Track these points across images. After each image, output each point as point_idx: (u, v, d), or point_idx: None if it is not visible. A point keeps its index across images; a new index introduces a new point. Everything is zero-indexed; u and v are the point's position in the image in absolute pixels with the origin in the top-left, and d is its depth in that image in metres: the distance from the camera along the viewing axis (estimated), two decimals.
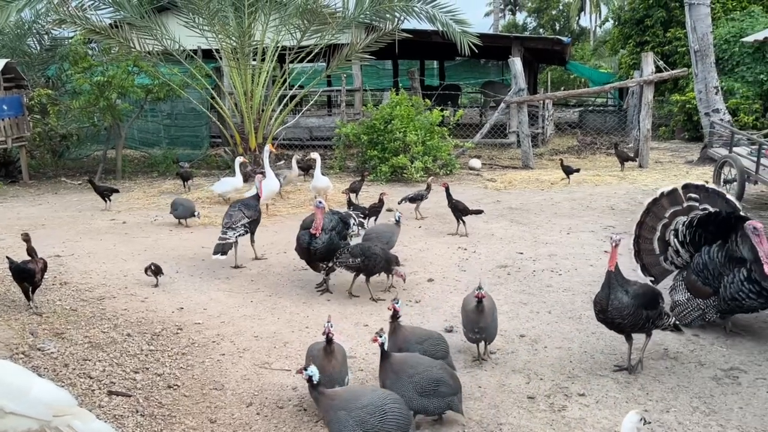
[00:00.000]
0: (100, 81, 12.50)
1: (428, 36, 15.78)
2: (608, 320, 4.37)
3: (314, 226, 5.86)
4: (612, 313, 4.30)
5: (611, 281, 4.30)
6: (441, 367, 3.82)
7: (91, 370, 4.46)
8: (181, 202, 9.19)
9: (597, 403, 4.04)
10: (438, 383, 3.65)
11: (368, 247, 5.88)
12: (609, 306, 4.28)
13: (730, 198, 5.32)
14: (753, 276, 4.61)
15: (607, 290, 4.29)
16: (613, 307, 4.28)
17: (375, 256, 5.78)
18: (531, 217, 9.29)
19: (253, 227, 7.22)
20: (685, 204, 5.34)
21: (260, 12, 12.35)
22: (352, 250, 5.87)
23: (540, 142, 17.47)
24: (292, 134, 17.33)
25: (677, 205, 5.36)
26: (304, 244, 5.92)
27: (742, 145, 11.32)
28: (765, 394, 4.09)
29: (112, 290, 6.26)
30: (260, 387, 4.31)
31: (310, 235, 5.86)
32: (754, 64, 17.19)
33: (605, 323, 4.44)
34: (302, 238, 5.95)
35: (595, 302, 4.45)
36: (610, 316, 4.31)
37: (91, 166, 14.89)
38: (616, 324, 4.36)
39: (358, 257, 5.79)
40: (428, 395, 3.62)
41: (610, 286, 4.29)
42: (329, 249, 5.96)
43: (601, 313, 4.38)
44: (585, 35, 51.12)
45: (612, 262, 4.32)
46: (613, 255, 4.32)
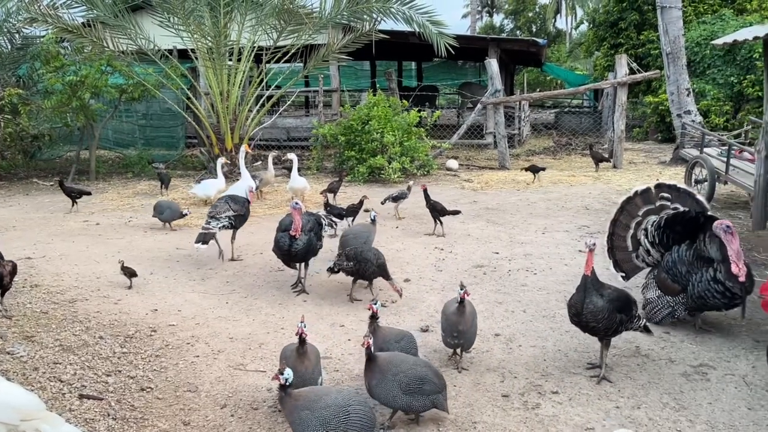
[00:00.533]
0: (72, 81, 12.31)
1: (405, 37, 15.83)
2: (582, 323, 4.36)
3: (293, 228, 5.84)
4: (587, 316, 4.28)
5: (587, 285, 4.28)
6: (425, 365, 3.84)
7: (61, 373, 4.39)
8: (167, 205, 8.90)
9: (570, 400, 4.08)
10: (423, 381, 3.67)
11: (361, 251, 5.79)
12: (584, 310, 4.26)
13: (699, 198, 5.42)
14: (718, 276, 4.72)
15: (582, 294, 4.28)
16: (588, 311, 4.26)
17: (366, 261, 5.68)
18: (507, 217, 9.36)
19: (237, 222, 7.23)
20: (658, 203, 5.43)
21: (236, 12, 12.28)
22: (348, 253, 5.81)
23: (516, 143, 17.62)
24: (269, 135, 17.26)
25: (650, 204, 5.46)
26: (285, 246, 5.91)
27: (713, 146, 11.56)
28: (733, 389, 4.18)
29: (85, 292, 6.17)
30: (235, 388, 4.28)
31: (290, 237, 5.85)
32: (724, 67, 17.54)
33: (579, 326, 4.44)
34: (282, 240, 5.92)
35: (569, 305, 4.44)
36: (585, 319, 4.30)
37: (64, 167, 14.66)
38: (590, 327, 4.35)
39: (352, 261, 5.73)
40: (413, 393, 3.65)
41: (585, 290, 4.28)
42: (308, 249, 6.01)
43: (575, 316, 4.38)
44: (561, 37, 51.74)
45: (588, 267, 4.30)
46: (589, 259, 4.30)
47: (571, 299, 4.44)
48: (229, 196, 7.47)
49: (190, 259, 7.43)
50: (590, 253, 4.31)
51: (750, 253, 7.04)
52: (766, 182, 7.89)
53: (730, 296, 4.72)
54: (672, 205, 5.37)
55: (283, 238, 5.91)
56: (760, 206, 7.94)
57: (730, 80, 17.28)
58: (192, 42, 12.33)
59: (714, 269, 4.75)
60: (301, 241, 5.87)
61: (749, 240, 7.62)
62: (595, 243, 4.38)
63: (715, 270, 4.75)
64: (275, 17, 12.35)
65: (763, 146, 7.77)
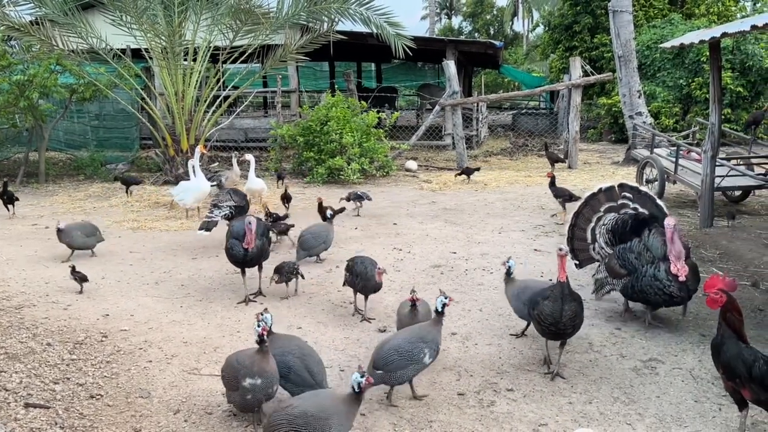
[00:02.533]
0: (20, 80, 11.92)
1: (364, 38, 15.83)
2: (558, 332, 4.26)
3: (246, 242, 5.80)
4: (565, 324, 4.20)
5: (564, 293, 4.20)
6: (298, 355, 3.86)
7: (6, 382, 4.24)
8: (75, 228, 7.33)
9: (524, 397, 4.14)
10: (288, 369, 3.77)
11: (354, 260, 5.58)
12: (563, 317, 4.18)
13: (659, 203, 5.50)
14: (657, 274, 4.87)
15: (560, 303, 4.17)
16: (567, 317, 4.19)
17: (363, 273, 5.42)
18: (465, 217, 9.45)
19: (237, 213, 7.51)
20: (619, 201, 5.57)
21: (191, 11, 12.08)
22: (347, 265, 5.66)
23: (474, 144, 17.81)
24: (226, 135, 17.04)
25: (613, 201, 5.60)
26: (240, 256, 5.89)
27: (663, 146, 11.90)
28: (680, 383, 4.30)
29: (32, 298, 5.98)
30: (188, 393, 4.20)
31: (243, 249, 5.83)
32: (674, 70, 18.08)
33: (551, 335, 4.33)
34: (236, 248, 5.87)
35: (544, 317, 4.24)
36: (562, 327, 4.21)
37: (12, 169, 14.18)
38: (565, 333, 4.28)
39: (348, 271, 5.56)
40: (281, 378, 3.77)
41: (563, 298, 4.18)
42: (261, 254, 6.03)
43: (552, 326, 4.22)
44: (518, 40, 52.53)
45: (563, 273, 4.23)
46: (562, 265, 4.25)
47: (543, 309, 4.25)
48: (233, 190, 8.15)
49: (143, 262, 7.28)
50: (564, 258, 4.28)
51: (697, 250, 7.27)
52: (712, 181, 8.16)
53: (668, 294, 4.88)
54: (632, 205, 5.51)
55: (237, 246, 5.87)
56: (706, 204, 8.21)
57: (679, 83, 17.82)
58: (146, 41, 12.08)
59: (655, 266, 4.90)
60: (254, 249, 5.86)
61: (697, 237, 7.87)
62: (568, 249, 4.34)
63: (655, 267, 4.90)
64: (231, 17, 12.20)
65: (709, 147, 8.04)
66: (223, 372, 3.87)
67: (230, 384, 3.75)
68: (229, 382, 3.76)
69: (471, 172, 12.55)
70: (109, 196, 11.46)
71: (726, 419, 3.84)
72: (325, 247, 7.02)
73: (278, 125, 14.10)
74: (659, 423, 3.82)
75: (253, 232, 5.79)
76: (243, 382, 3.61)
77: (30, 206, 10.59)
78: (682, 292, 4.86)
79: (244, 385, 3.61)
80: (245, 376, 3.61)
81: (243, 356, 3.76)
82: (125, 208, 10.41)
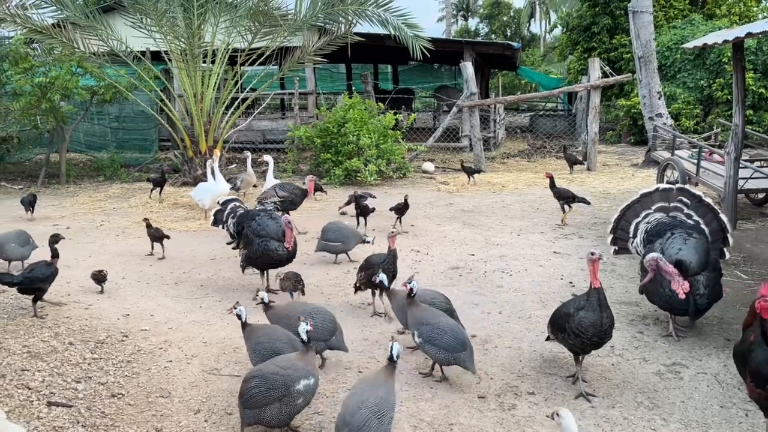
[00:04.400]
0: (42, 82, 12.09)
1: (381, 40, 15.83)
2: (600, 342, 4.09)
3: (287, 240, 5.88)
4: (607, 331, 4.06)
5: (601, 300, 4.03)
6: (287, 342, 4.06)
7: (29, 380, 4.28)
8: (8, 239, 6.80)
9: (546, 401, 4.09)
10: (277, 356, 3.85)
11: (367, 258, 5.66)
12: (603, 326, 4.01)
13: (722, 217, 5.38)
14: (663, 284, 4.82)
15: (599, 311, 4.00)
16: (608, 325, 4.04)
17: (374, 265, 5.46)
18: (483, 219, 9.40)
19: (286, 207, 8.06)
20: (673, 204, 5.50)
21: (210, 13, 12.14)
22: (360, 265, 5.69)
23: (492, 146, 17.72)
24: (244, 137, 17.12)
25: (666, 201, 5.54)
26: (284, 256, 5.94)
27: (684, 148, 11.75)
28: (706, 388, 4.23)
29: (54, 297, 6.03)
30: (209, 393, 4.21)
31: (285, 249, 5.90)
32: (694, 71, 17.86)
33: (593, 347, 4.13)
34: (280, 250, 5.91)
35: (584, 328, 4.00)
36: (605, 336, 4.07)
37: (34, 170, 14.37)
38: (600, 343, 4.11)
39: (362, 271, 5.58)
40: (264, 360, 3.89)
41: (601, 305, 4.02)
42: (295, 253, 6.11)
43: (596, 336, 4.02)
44: (535, 41, 52.29)
45: (596, 278, 4.06)
46: (595, 271, 4.08)
47: (582, 322, 4.02)
48: (279, 185, 8.67)
49: (162, 262, 7.32)
50: (596, 262, 4.09)
51: None
52: (735, 184, 8.04)
53: (670, 305, 4.85)
54: (686, 211, 5.43)
55: (280, 247, 5.90)
56: (730, 207, 8.07)
57: (700, 84, 17.60)
58: (165, 43, 12.17)
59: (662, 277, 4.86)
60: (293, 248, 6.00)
61: None
62: (601, 253, 4.17)
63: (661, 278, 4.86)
64: (250, 19, 12.25)
65: (732, 148, 7.92)
66: (256, 387, 3.50)
67: (269, 397, 3.47)
68: (268, 394, 3.46)
69: (473, 171, 12.56)
70: (129, 197, 11.56)
71: (753, 425, 3.77)
72: (344, 248, 7.03)
73: (296, 127, 14.14)
74: (684, 428, 3.76)
75: (294, 230, 5.88)
76: (296, 385, 3.48)
77: (51, 207, 10.72)
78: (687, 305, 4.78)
79: (298, 389, 3.49)
80: (299, 379, 3.51)
81: (283, 361, 3.66)
82: (144, 209, 10.49)
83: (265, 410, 3.48)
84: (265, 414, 3.49)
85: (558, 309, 4.35)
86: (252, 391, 3.49)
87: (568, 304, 4.27)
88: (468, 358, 4.17)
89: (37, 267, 5.46)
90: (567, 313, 4.16)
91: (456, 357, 4.15)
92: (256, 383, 3.51)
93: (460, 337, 4.19)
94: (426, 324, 4.26)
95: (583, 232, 8.50)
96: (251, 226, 6.15)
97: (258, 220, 6.15)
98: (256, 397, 3.48)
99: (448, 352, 4.15)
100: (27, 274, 5.40)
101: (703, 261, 4.87)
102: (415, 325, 4.34)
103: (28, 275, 5.39)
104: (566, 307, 4.25)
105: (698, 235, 5.14)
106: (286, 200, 8.17)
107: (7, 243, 6.75)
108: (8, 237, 6.84)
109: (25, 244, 6.89)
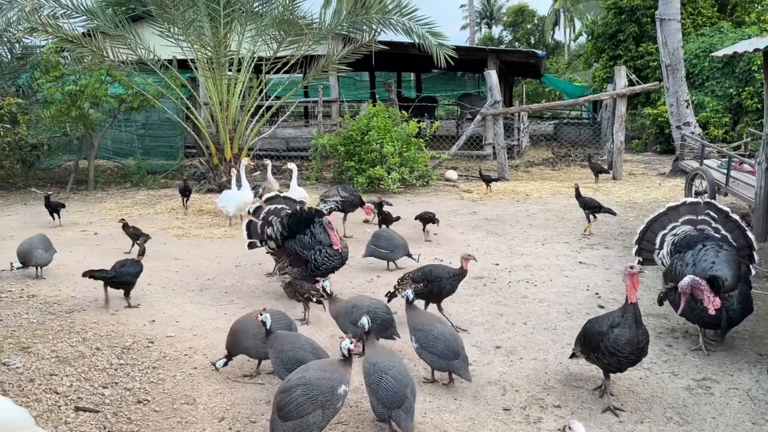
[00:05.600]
0: (72, 90, 12.31)
1: (405, 48, 15.87)
2: (636, 361, 4.00)
3: (334, 243, 5.98)
4: (644, 348, 3.96)
5: (637, 316, 3.93)
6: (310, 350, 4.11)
7: (57, 385, 4.34)
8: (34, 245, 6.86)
9: (572, 414, 4.03)
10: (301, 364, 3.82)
11: (429, 270, 5.46)
12: (640, 342, 3.91)
13: (749, 234, 5.29)
14: None
15: (635, 327, 3.90)
16: (644, 342, 3.94)
17: (438, 279, 5.34)
18: (507, 228, 9.33)
19: (346, 208, 8.59)
20: (700, 217, 5.42)
21: (236, 22, 12.29)
22: (414, 275, 5.44)
23: (515, 154, 17.63)
24: (268, 145, 17.25)
25: (693, 214, 5.47)
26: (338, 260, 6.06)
27: (713, 157, 11.55)
28: (737, 404, 4.13)
29: (82, 303, 6.12)
30: (233, 401, 4.22)
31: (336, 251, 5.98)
32: (723, 79, 17.60)
33: (629, 365, 4.01)
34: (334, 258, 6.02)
35: (621, 347, 3.89)
36: (642, 353, 3.98)
37: (63, 177, 14.64)
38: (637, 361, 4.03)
39: (420, 282, 5.37)
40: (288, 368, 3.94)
41: (637, 321, 3.91)
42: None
43: (633, 354, 3.92)
44: (559, 49, 51.97)
45: (633, 293, 3.95)
46: (634, 285, 3.96)
47: (618, 340, 3.89)
48: (341, 186, 9.30)
49: (188, 269, 7.39)
50: (636, 276, 3.97)
51: None
52: (766, 194, 7.86)
53: (700, 319, 4.78)
54: (714, 225, 5.34)
55: (333, 253, 5.96)
56: (761, 218, 7.90)
57: (728, 92, 17.33)
58: (192, 52, 12.34)
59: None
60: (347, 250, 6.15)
61: None
62: (642, 267, 4.04)
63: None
64: (275, 28, 12.37)
65: (763, 158, 7.75)
66: (302, 395, 3.42)
67: (314, 403, 3.41)
68: (315, 400, 3.41)
69: (490, 180, 12.50)
70: (155, 203, 11.70)
71: None
72: (392, 257, 7.09)
73: (319, 135, 14.22)
74: None
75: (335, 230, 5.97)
76: (339, 389, 3.48)
77: (80, 213, 10.90)
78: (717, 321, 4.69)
79: (339, 393, 3.49)
80: (341, 383, 3.51)
81: (326, 365, 3.64)
82: (170, 216, 10.61)
83: (308, 418, 3.40)
84: (307, 422, 3.40)
85: (588, 327, 4.19)
86: (298, 400, 3.40)
87: (600, 321, 4.12)
88: (462, 365, 4.25)
89: (127, 264, 5.99)
90: (600, 331, 4.01)
91: (449, 364, 4.26)
92: (302, 391, 3.42)
93: (453, 345, 4.26)
94: (421, 330, 4.36)
95: (609, 242, 8.40)
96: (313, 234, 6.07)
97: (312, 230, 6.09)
98: (302, 405, 3.39)
99: (441, 359, 4.26)
100: (119, 270, 5.90)
101: (737, 275, 4.77)
102: (412, 331, 4.44)
103: (120, 270, 5.90)
104: (598, 324, 4.09)
105: (729, 247, 5.05)
106: (346, 201, 8.61)
107: (35, 248, 6.84)
108: (33, 242, 6.93)
109: (49, 248, 7.01)
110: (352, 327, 4.59)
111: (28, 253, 6.83)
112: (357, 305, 4.73)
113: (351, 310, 4.71)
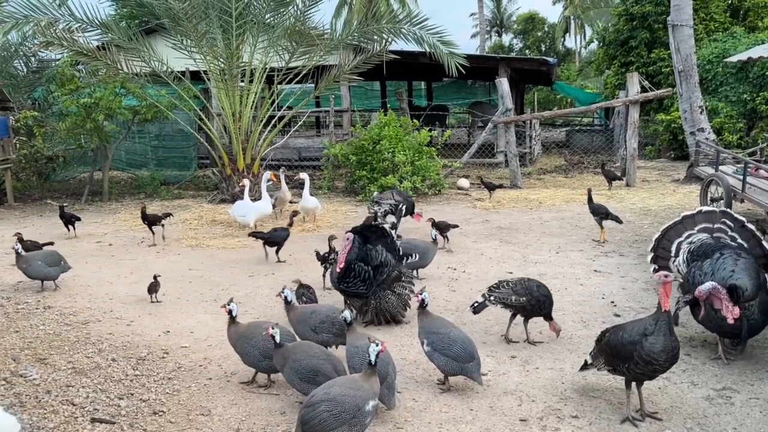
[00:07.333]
0: (87, 103, 12.45)
1: (416, 57, 15.91)
2: (668, 368, 3.98)
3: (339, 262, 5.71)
4: (677, 355, 3.94)
5: (670, 323, 3.89)
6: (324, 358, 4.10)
7: (74, 396, 4.36)
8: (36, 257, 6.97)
9: (590, 425, 3.98)
10: (316, 372, 3.97)
11: (534, 287, 5.23)
12: (674, 349, 3.89)
13: (765, 244, 5.18)
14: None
15: (668, 334, 3.87)
16: (677, 348, 3.91)
17: (543, 299, 5.18)
18: (520, 236, 9.29)
19: (397, 212, 8.57)
20: (716, 225, 5.36)
21: (248, 34, 12.39)
22: (515, 287, 5.22)
23: (528, 162, 17.56)
24: (280, 155, 17.33)
25: (710, 222, 5.41)
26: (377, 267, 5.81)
27: (728, 163, 11.43)
28: (758, 414, 4.06)
29: (97, 314, 6.15)
30: (248, 412, 4.22)
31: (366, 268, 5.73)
32: (737, 84, 17.45)
33: (662, 372, 3.99)
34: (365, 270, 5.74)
35: (656, 355, 3.84)
36: (675, 360, 3.94)
37: (78, 188, 14.77)
38: (669, 368, 4.01)
39: (523, 296, 5.16)
40: (307, 382, 4.00)
41: (670, 328, 3.88)
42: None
43: (668, 362, 3.90)
44: (570, 56, 51.84)
45: (666, 302, 3.88)
46: (667, 293, 3.89)
47: (653, 348, 3.84)
48: (395, 190, 9.61)
49: (202, 280, 7.41)
50: (668, 285, 3.90)
51: None
52: None
53: (720, 328, 4.72)
54: (730, 233, 5.29)
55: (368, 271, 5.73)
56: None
57: (743, 98, 17.18)
58: (205, 64, 12.45)
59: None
60: None
61: None
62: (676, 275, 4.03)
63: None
64: (287, 39, 12.46)
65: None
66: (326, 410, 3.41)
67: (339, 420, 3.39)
68: (339, 417, 3.40)
69: (493, 187, 12.49)
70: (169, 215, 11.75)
71: None
72: (420, 264, 7.02)
73: (331, 144, 14.26)
74: None
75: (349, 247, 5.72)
76: (366, 406, 3.45)
77: (95, 224, 10.98)
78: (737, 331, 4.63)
79: (367, 409, 3.45)
80: (368, 399, 3.47)
81: (351, 381, 3.62)
82: (184, 226, 10.67)
83: None
84: None
85: (616, 338, 4.06)
86: (322, 416, 3.39)
87: (628, 331, 4.02)
88: (475, 369, 4.29)
89: (278, 230, 8.10)
90: (632, 341, 3.92)
91: (463, 367, 4.28)
92: (326, 407, 3.40)
93: (469, 348, 4.31)
94: (436, 333, 4.37)
95: (624, 249, 8.33)
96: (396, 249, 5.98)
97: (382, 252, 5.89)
98: (326, 421, 3.38)
99: (456, 362, 4.28)
100: (273, 233, 8.05)
101: (757, 284, 4.71)
102: (425, 335, 4.43)
103: (273, 234, 8.05)
104: (627, 334, 3.99)
105: (747, 255, 4.98)
106: (400, 204, 8.75)
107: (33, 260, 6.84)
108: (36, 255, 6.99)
109: (54, 264, 6.96)
110: (311, 333, 4.66)
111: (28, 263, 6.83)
112: (316, 311, 4.80)
113: (310, 316, 4.75)
